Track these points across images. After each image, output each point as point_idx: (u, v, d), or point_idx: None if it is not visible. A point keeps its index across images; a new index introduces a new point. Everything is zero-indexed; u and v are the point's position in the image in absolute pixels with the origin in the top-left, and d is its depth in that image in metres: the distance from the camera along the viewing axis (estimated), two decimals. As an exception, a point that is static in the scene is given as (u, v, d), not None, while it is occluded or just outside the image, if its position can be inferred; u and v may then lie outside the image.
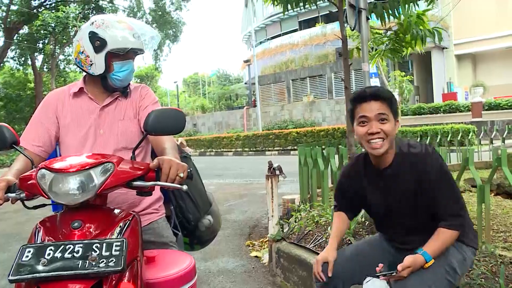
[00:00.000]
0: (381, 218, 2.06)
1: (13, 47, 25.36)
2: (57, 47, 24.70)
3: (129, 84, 2.03)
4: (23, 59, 26.45)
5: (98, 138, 1.92)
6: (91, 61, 1.89)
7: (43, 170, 1.45)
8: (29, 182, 1.51)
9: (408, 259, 1.73)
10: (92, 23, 1.90)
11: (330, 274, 1.91)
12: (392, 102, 1.85)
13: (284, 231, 3.86)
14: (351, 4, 3.53)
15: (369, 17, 3.97)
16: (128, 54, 1.91)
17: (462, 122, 16.74)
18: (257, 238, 5.00)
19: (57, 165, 1.46)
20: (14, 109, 31.00)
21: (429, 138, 10.28)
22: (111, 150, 1.89)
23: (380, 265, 1.78)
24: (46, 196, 1.45)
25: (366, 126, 1.83)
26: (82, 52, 1.90)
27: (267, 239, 4.25)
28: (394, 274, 1.72)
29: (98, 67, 1.88)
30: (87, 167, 1.43)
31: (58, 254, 1.29)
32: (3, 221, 6.92)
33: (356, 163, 2.07)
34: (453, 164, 8.13)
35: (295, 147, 18.34)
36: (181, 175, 1.52)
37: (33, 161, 1.70)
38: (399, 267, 1.71)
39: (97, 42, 1.85)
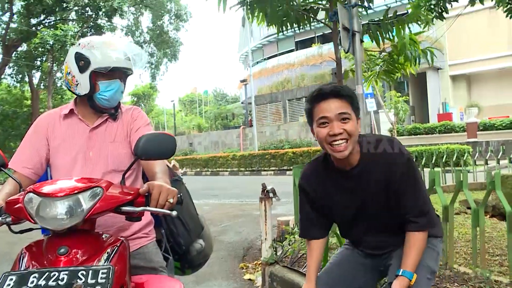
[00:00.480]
0: (349, 221, 1.94)
1: (11, 64, 25.47)
2: (54, 64, 24.79)
3: (119, 105, 2.01)
4: (20, 76, 26.54)
5: (88, 160, 1.90)
6: (77, 81, 1.89)
7: (31, 194, 1.43)
8: (15, 206, 1.49)
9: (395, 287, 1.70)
10: (79, 45, 1.92)
11: None
12: (353, 99, 1.75)
13: (278, 254, 3.82)
14: (345, 27, 3.57)
15: (363, 40, 4.01)
16: (114, 73, 1.89)
17: (457, 143, 16.83)
18: (251, 261, 4.93)
19: (45, 189, 1.45)
20: (10, 126, 30.91)
21: (424, 158, 10.29)
22: (100, 172, 1.87)
23: None
24: (32, 221, 1.43)
25: (327, 127, 1.72)
26: (69, 73, 1.92)
27: (260, 261, 4.19)
28: None
29: (84, 87, 1.88)
30: (75, 192, 1.42)
31: (42, 282, 1.26)
32: (-8, 240, 6.81)
33: (316, 166, 1.94)
34: (448, 185, 8.12)
35: (291, 167, 18.31)
36: (171, 200, 1.51)
37: (22, 184, 1.68)
38: None
39: (82, 62, 1.87)
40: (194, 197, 2.42)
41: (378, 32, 4.71)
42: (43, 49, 22.13)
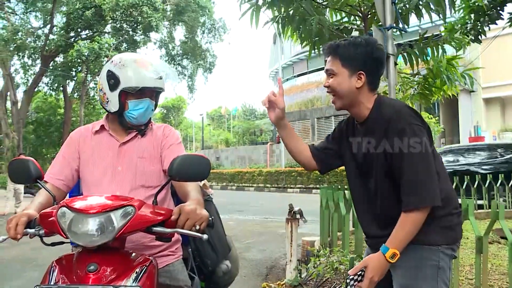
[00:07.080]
0: (353, 180, 1.90)
1: (48, 74, 26.30)
2: (88, 75, 25.49)
3: (150, 123, 2.03)
4: (56, 85, 27.33)
5: (116, 175, 1.92)
6: (107, 99, 1.92)
7: (64, 209, 1.45)
8: (49, 219, 1.51)
9: (363, 261, 1.63)
10: (112, 62, 1.95)
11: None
12: (344, 56, 1.74)
13: (302, 276, 3.75)
14: (379, 50, 3.51)
15: (397, 63, 3.95)
16: (144, 92, 1.91)
17: (490, 168, 16.26)
18: (274, 280, 4.85)
19: (78, 204, 1.46)
20: (43, 133, 31.84)
21: (454, 183, 10.00)
22: (128, 187, 1.89)
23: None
24: (65, 236, 1.45)
25: None
26: (101, 89, 1.95)
27: (284, 282, 4.13)
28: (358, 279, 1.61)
29: (113, 105, 1.91)
30: (107, 209, 1.43)
31: (71, 299, 1.26)
32: (19, 246, 6.90)
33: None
34: (480, 212, 7.86)
35: (318, 186, 18.15)
36: (197, 227, 1.50)
37: (55, 196, 1.71)
38: (350, 272, 1.62)
39: (112, 80, 1.89)
40: (219, 212, 2.39)
41: (412, 54, 4.64)
42: (79, 60, 22.79)
